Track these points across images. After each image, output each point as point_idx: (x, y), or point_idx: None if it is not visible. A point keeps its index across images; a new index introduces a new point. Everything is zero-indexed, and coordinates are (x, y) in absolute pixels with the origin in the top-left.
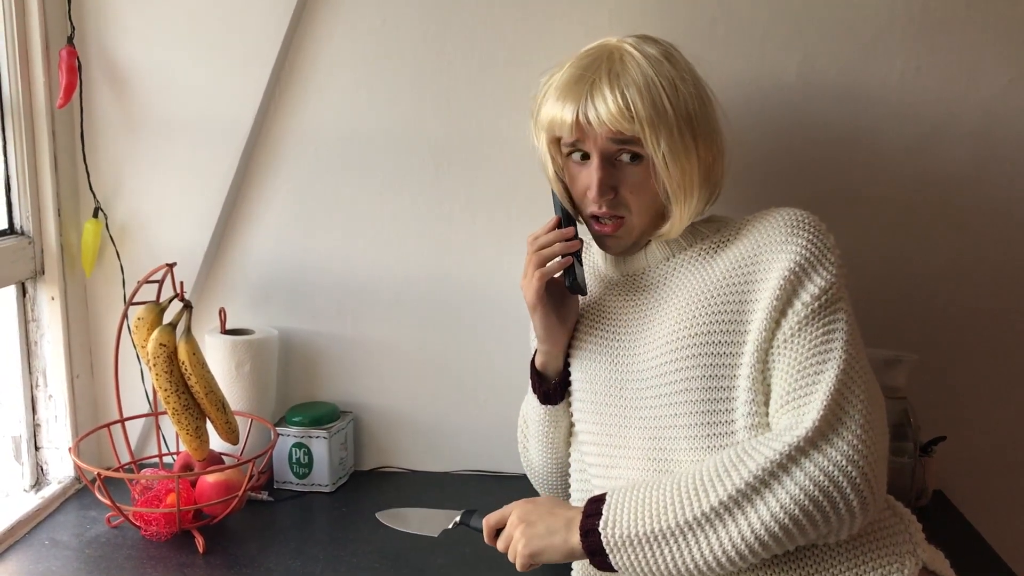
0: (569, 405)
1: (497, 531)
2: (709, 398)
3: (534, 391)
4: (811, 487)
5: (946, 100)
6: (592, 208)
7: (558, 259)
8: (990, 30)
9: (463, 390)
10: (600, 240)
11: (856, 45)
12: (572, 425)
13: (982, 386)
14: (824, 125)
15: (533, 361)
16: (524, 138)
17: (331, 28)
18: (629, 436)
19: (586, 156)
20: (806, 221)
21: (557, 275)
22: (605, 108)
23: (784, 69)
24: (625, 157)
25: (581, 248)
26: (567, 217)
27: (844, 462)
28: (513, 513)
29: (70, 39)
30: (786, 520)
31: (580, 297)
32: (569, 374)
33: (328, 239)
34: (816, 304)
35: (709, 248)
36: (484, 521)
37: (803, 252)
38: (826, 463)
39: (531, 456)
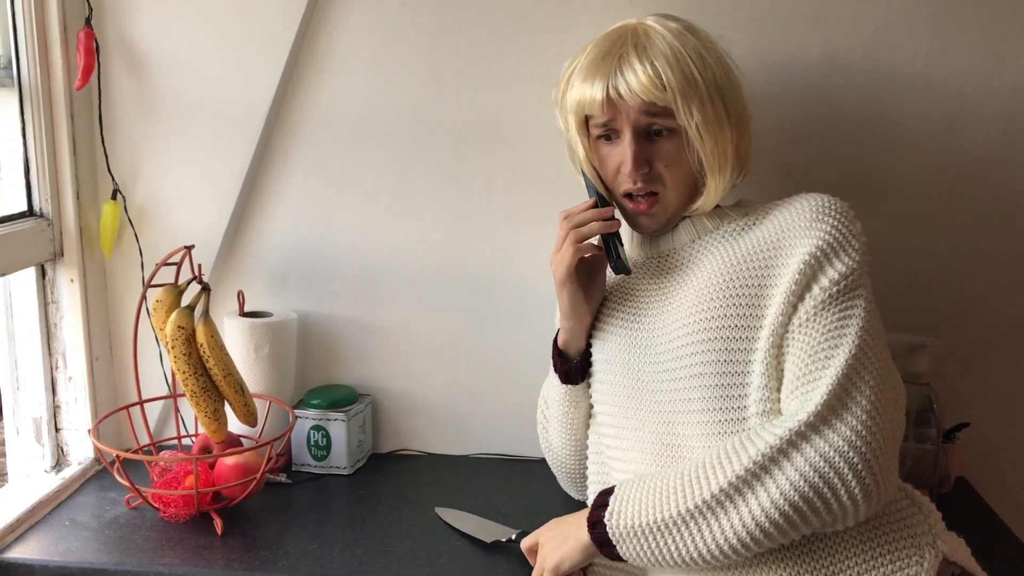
0: (589, 386)
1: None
2: (723, 383)
3: (555, 370)
4: (810, 471)
5: (973, 79)
6: (627, 185)
7: (593, 240)
8: (1017, 7)
9: (481, 373)
10: (634, 219)
11: (880, 25)
12: (592, 407)
13: (1006, 372)
14: (849, 107)
15: (556, 340)
16: (544, 118)
17: (348, 9)
18: (644, 419)
19: (615, 135)
20: (833, 207)
21: (588, 255)
22: (636, 80)
23: (808, 51)
24: (657, 131)
25: (619, 228)
26: (602, 200)
27: (845, 446)
28: (539, 535)
29: (88, 21)
30: (786, 506)
31: (608, 277)
32: (591, 355)
33: (346, 221)
34: (835, 289)
35: (735, 231)
36: (521, 545)
37: (826, 238)
38: (825, 447)
39: (551, 437)
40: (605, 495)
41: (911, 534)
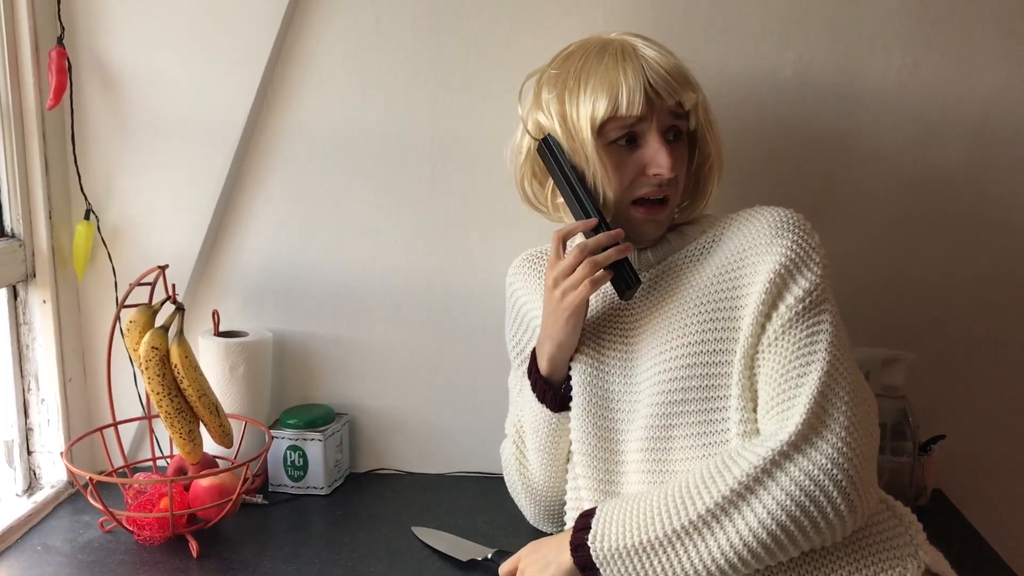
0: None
1: None
2: (706, 408)
3: (541, 399)
4: (796, 491)
5: (944, 96)
6: (645, 190)
7: (603, 270)
8: (988, 25)
9: (459, 392)
10: (640, 228)
11: (853, 41)
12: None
13: (981, 384)
14: (821, 122)
15: (534, 368)
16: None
17: (324, 27)
18: (626, 447)
19: (640, 138)
20: (791, 221)
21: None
22: (668, 80)
23: (780, 66)
24: (670, 135)
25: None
26: (604, 220)
27: (828, 464)
28: (520, 559)
29: (60, 40)
30: (773, 526)
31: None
32: (570, 376)
33: (322, 240)
34: (800, 307)
35: (697, 250)
36: (500, 570)
37: (788, 254)
38: (810, 466)
39: (531, 471)
40: (587, 517)
41: (893, 546)
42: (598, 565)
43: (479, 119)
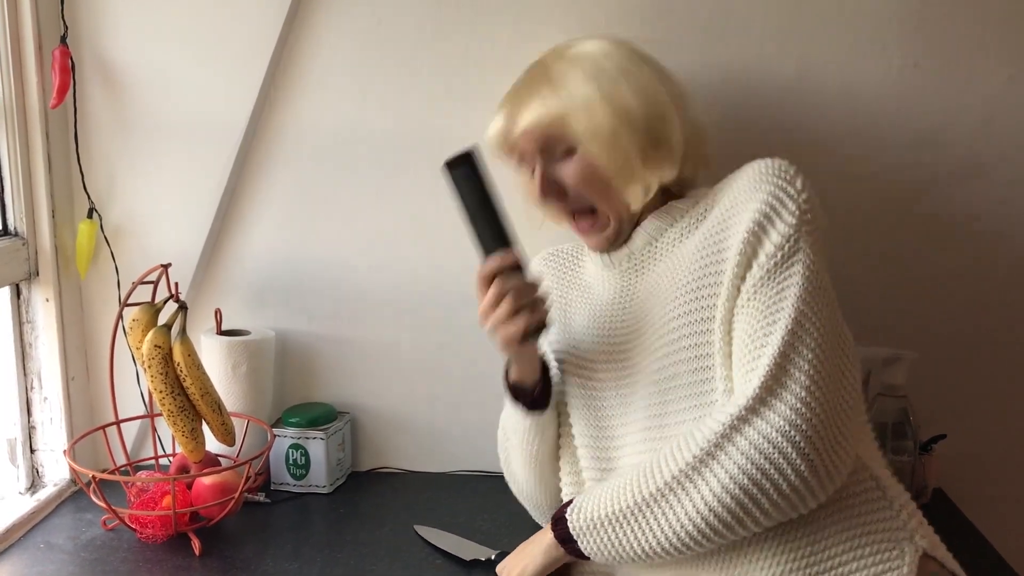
0: (554, 410)
1: None
2: (696, 379)
3: (517, 402)
4: (754, 453)
5: (944, 97)
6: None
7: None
8: (989, 26)
9: (460, 390)
10: (586, 240)
11: (853, 41)
12: (558, 436)
13: (982, 384)
14: (822, 123)
15: (507, 375)
16: None
17: (325, 28)
18: (624, 431)
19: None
20: (769, 170)
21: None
22: (517, 129)
23: (781, 68)
24: (559, 153)
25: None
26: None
27: (785, 425)
28: (505, 561)
29: (63, 39)
30: (735, 489)
31: (577, 295)
32: (547, 377)
33: (324, 239)
34: (772, 263)
35: (689, 224)
36: (497, 570)
37: (762, 207)
38: (767, 428)
39: (515, 472)
40: (575, 497)
41: (884, 528)
42: (574, 536)
43: (480, 119)
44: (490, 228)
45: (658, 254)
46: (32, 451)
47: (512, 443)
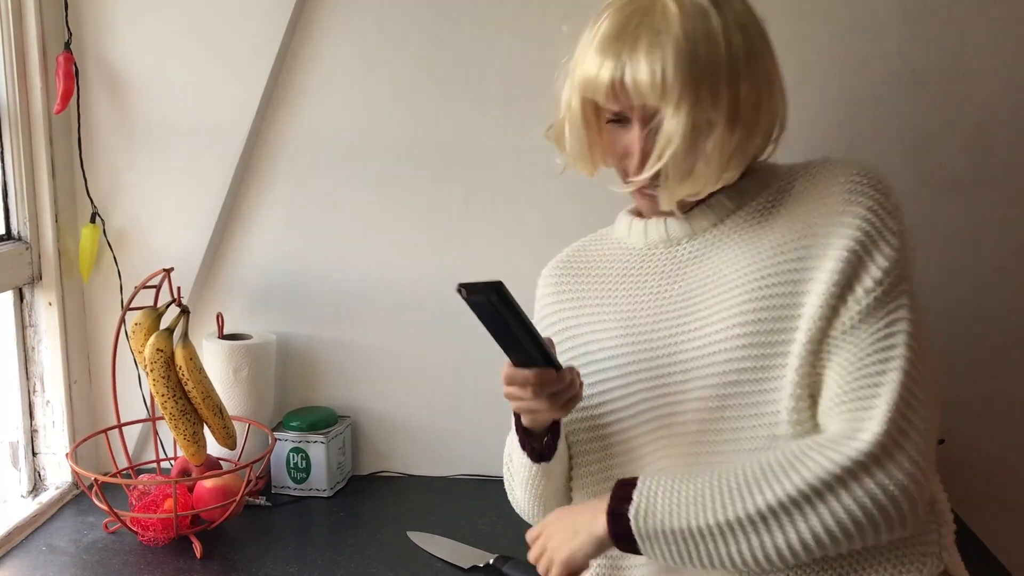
0: (564, 451)
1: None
2: (759, 389)
3: (523, 448)
4: (868, 502)
5: (944, 98)
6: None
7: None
8: (989, 27)
9: (461, 394)
10: (638, 203)
11: (853, 42)
12: (569, 478)
13: (979, 390)
14: (820, 128)
15: (517, 418)
16: (523, 141)
17: (327, 35)
18: (671, 435)
19: (619, 119)
20: (866, 183)
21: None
22: (640, 77)
23: (781, 68)
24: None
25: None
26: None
27: (905, 480)
28: (546, 525)
29: (67, 45)
30: (836, 530)
31: (606, 292)
32: (557, 428)
33: (325, 244)
34: (880, 290)
35: (758, 210)
36: (527, 535)
37: (863, 226)
38: (886, 481)
39: (518, 501)
40: (626, 487)
41: (921, 542)
42: (639, 540)
43: (481, 124)
44: (521, 352)
45: (722, 238)
46: (34, 454)
47: (516, 479)
